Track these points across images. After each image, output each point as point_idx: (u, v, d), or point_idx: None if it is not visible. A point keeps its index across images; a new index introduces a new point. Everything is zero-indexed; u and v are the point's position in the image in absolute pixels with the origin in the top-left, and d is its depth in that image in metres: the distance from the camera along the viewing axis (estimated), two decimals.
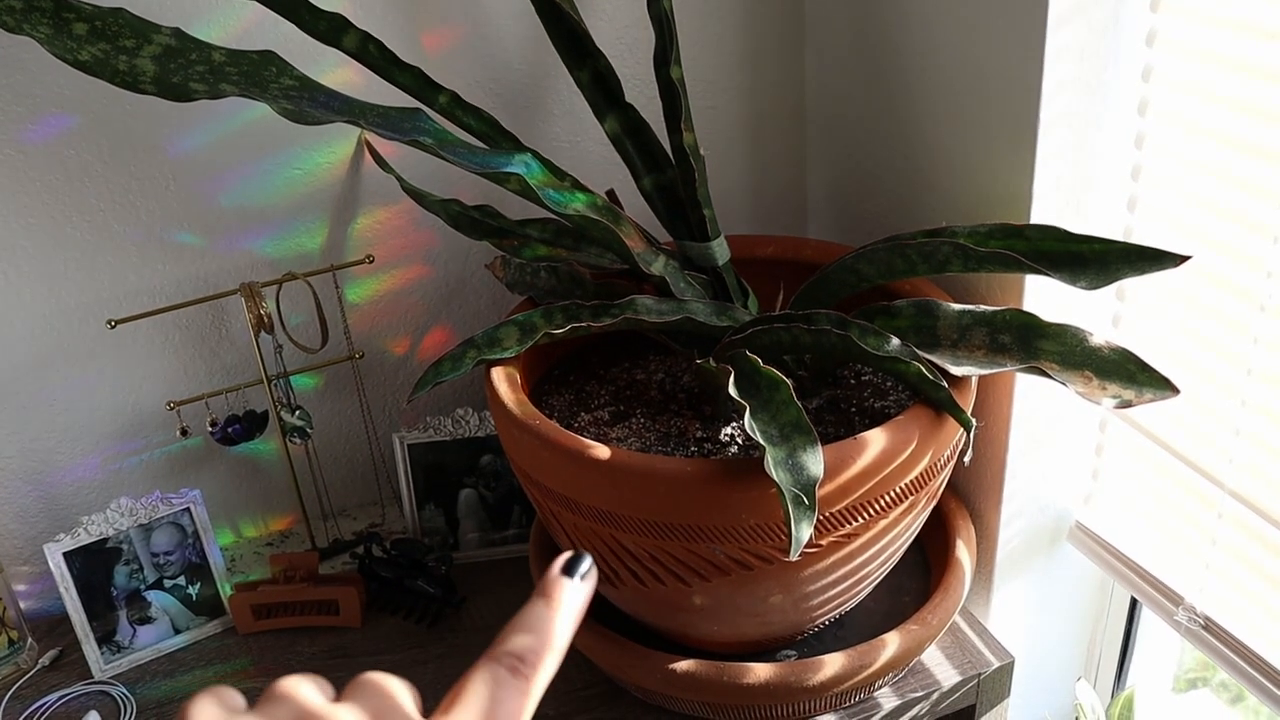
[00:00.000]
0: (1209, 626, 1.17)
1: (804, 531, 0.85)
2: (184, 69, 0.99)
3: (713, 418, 1.13)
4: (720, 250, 1.15)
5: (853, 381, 1.17)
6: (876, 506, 0.97)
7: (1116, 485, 1.26)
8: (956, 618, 1.24)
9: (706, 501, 0.94)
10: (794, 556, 0.84)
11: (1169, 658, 1.48)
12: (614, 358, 1.26)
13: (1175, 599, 1.20)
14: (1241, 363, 1.06)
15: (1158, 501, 1.20)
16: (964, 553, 1.19)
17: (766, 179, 1.48)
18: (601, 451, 0.96)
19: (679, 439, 1.10)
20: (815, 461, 0.89)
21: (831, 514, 0.95)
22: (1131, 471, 1.23)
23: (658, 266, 1.12)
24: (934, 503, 1.08)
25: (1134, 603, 1.41)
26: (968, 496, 1.29)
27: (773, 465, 0.88)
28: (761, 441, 0.89)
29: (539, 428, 1.00)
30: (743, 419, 0.90)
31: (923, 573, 1.25)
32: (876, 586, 1.15)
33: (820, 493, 0.91)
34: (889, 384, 1.15)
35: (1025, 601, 1.35)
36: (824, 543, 0.97)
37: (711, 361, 1.01)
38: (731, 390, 0.93)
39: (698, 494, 0.93)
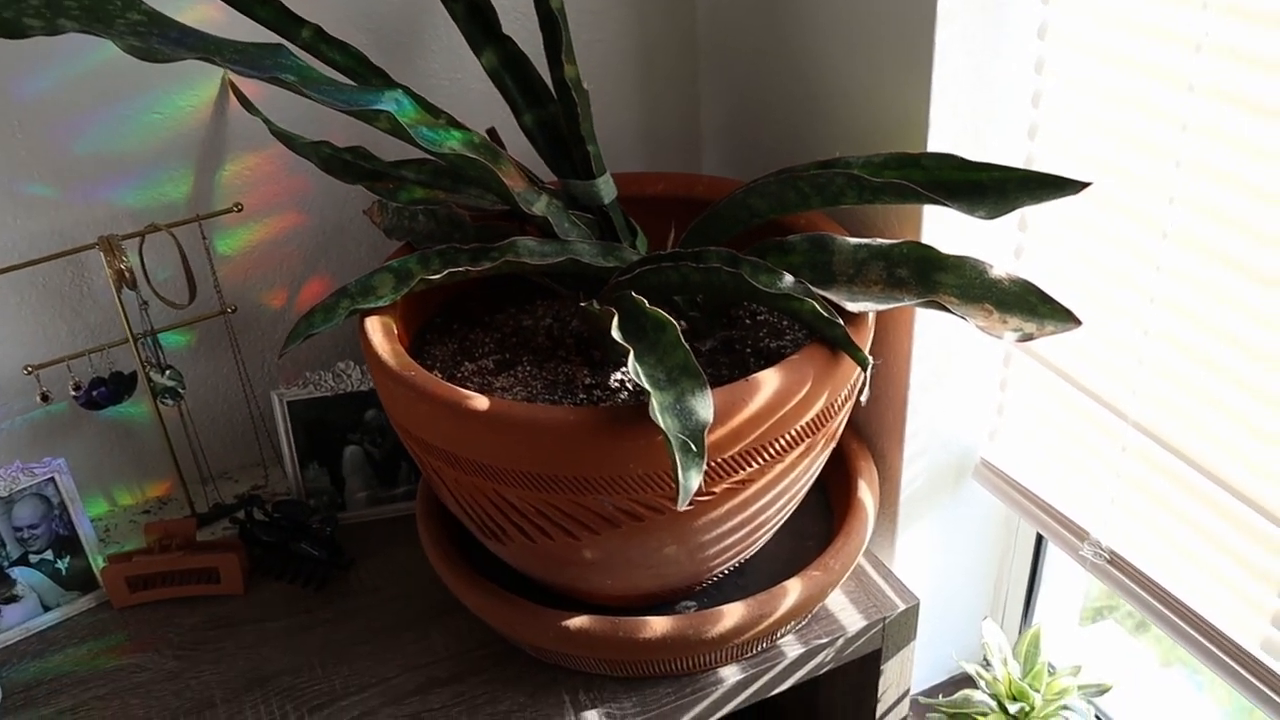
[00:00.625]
0: (1114, 561, 1.15)
1: (693, 480, 0.81)
2: (16, 2, 0.91)
3: (602, 363, 1.08)
4: (606, 188, 1.09)
5: (748, 321, 1.13)
6: (771, 451, 0.93)
7: (1021, 421, 1.23)
8: (861, 561, 1.21)
9: (591, 451, 0.89)
10: (683, 506, 0.80)
11: (1076, 592, 1.47)
12: (500, 304, 1.21)
13: (1081, 534, 1.18)
14: (1144, 291, 1.03)
15: (1062, 436, 1.18)
16: (866, 494, 1.16)
17: (658, 114, 1.42)
18: (480, 402, 0.91)
19: (567, 387, 1.05)
20: (704, 406, 0.84)
21: (723, 460, 0.91)
22: (1036, 406, 1.21)
23: (540, 206, 1.07)
24: (833, 444, 1.05)
25: (1040, 539, 1.39)
26: (869, 436, 1.26)
27: (659, 411, 0.83)
28: (647, 386, 0.85)
29: (414, 379, 0.95)
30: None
31: (825, 516, 1.22)
32: (778, 532, 1.12)
33: (710, 438, 0.88)
34: (785, 323, 1.11)
35: (930, 542, 1.33)
36: (717, 490, 0.93)
37: (595, 304, 0.96)
38: (615, 333, 0.88)
39: (582, 444, 0.89)
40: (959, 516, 1.33)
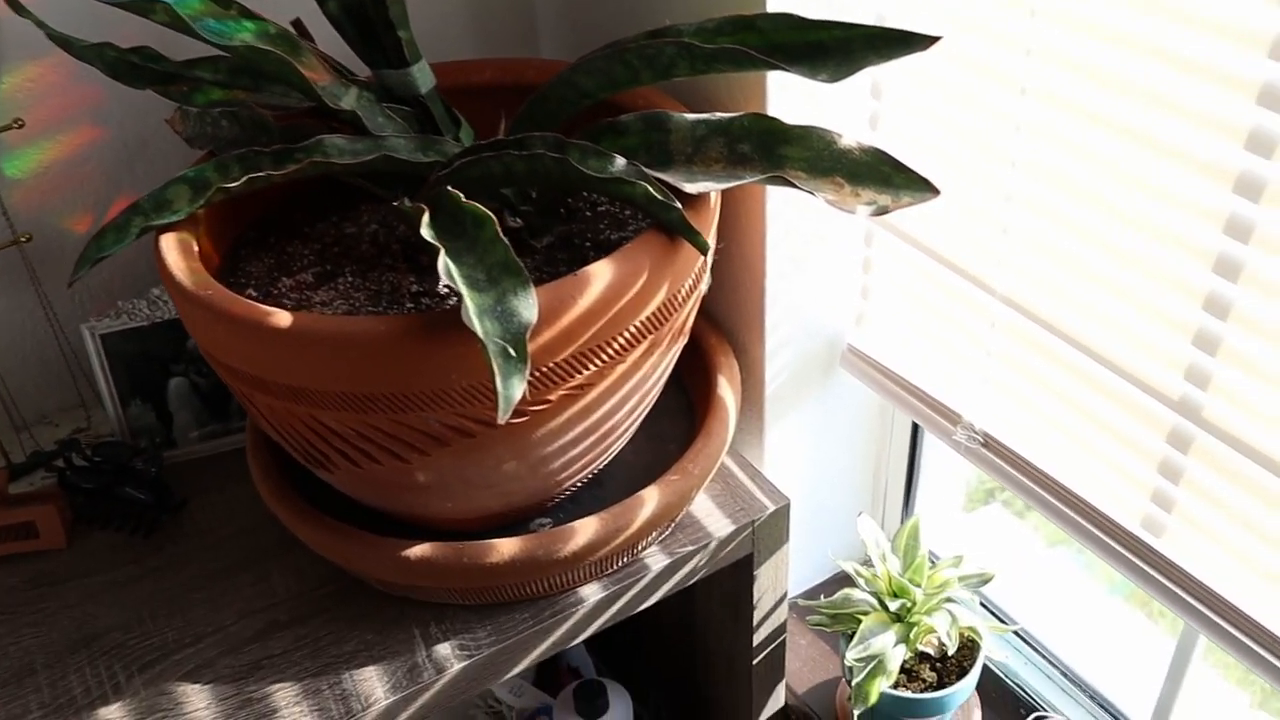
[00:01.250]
0: (989, 444, 1.10)
1: (515, 389, 0.73)
2: None
3: (430, 269, 0.99)
4: (421, 76, 0.99)
5: (588, 214, 1.04)
6: (610, 351, 0.86)
7: (888, 302, 1.17)
8: (725, 461, 1.15)
9: (407, 364, 0.81)
10: (503, 419, 0.72)
11: (958, 479, 1.43)
12: (322, 211, 1.10)
13: (953, 418, 1.12)
14: (1004, 155, 0.96)
15: (930, 315, 1.12)
16: (727, 391, 1.09)
17: None
18: (281, 319, 0.82)
19: (392, 296, 0.96)
20: (527, 306, 0.77)
21: (557, 364, 0.83)
22: (901, 286, 1.14)
23: (349, 100, 0.97)
24: (683, 339, 0.97)
25: (917, 426, 1.34)
26: (729, 329, 1.19)
27: (475, 314, 0.75)
28: (462, 287, 0.77)
29: (210, 299, 0.85)
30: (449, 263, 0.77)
31: (687, 417, 1.15)
32: (635, 437, 1.05)
33: (537, 342, 0.81)
34: (628, 213, 1.03)
35: (801, 437, 1.27)
36: (553, 398, 0.86)
37: (407, 201, 0.86)
38: (425, 232, 0.80)
39: (396, 356, 0.80)
40: (829, 408, 1.27)
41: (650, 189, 0.84)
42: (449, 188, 0.85)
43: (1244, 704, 1.30)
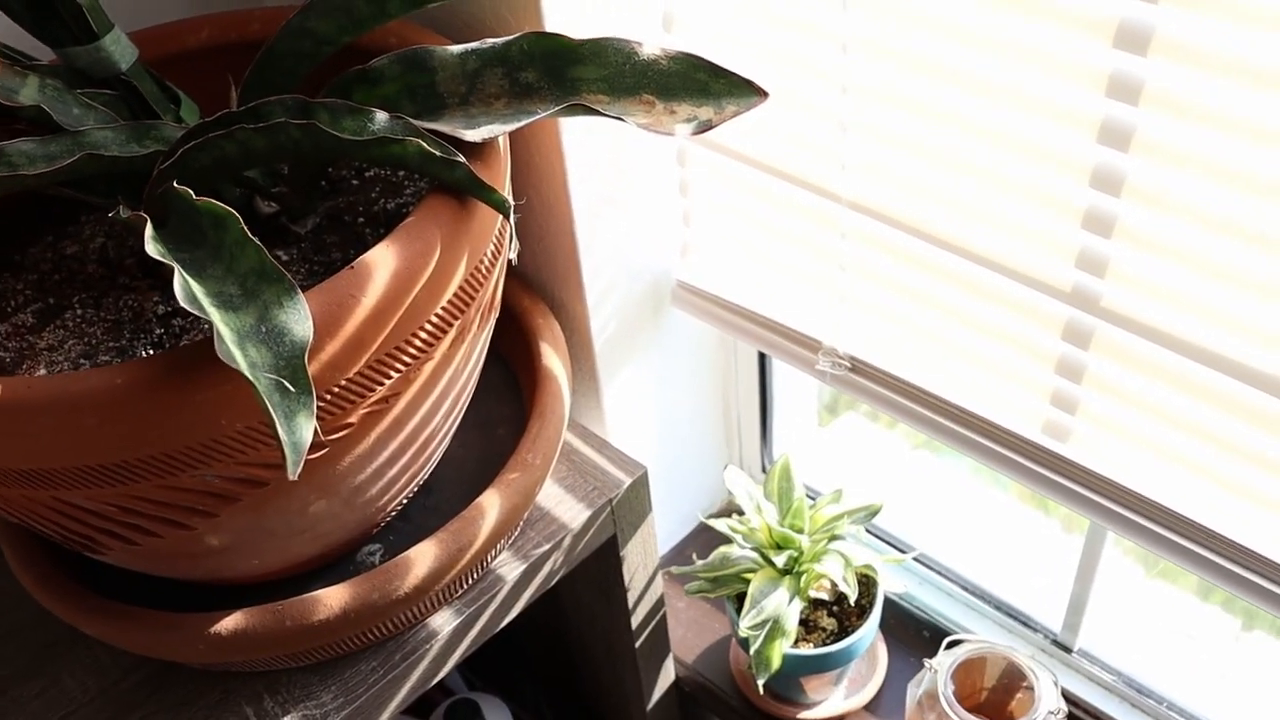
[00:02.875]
0: (857, 368, 0.99)
1: (301, 430, 0.58)
2: None
3: None
4: (118, 49, 0.80)
5: (354, 182, 0.88)
6: (412, 350, 0.71)
7: (715, 227, 1.05)
8: (567, 439, 1.02)
9: (162, 418, 0.64)
10: (295, 471, 0.56)
11: (809, 401, 1.33)
12: (32, 233, 0.91)
13: (812, 345, 1.01)
14: (833, 36, 0.83)
15: (768, 235, 1.00)
16: (553, 359, 0.95)
17: None
18: None
19: (135, 325, 0.79)
20: (298, 319, 0.62)
21: (350, 382, 0.68)
22: (729, 206, 1.02)
23: (28, 93, 0.78)
24: (495, 314, 0.83)
25: (763, 358, 1.23)
26: (542, 288, 1.05)
27: (233, 343, 0.60)
28: (211, 311, 0.61)
29: None
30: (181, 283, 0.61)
31: (512, 391, 1.01)
32: (461, 428, 0.91)
33: (321, 359, 0.66)
34: (401, 175, 0.87)
35: (641, 391, 1.14)
36: (354, 420, 0.71)
37: (124, 210, 0.69)
38: (151, 247, 0.63)
39: (145, 412, 0.64)
40: (668, 356, 1.15)
41: (424, 144, 0.69)
42: (175, 184, 0.68)
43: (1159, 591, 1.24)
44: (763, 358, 1.22)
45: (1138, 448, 0.85)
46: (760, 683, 1.03)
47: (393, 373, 0.70)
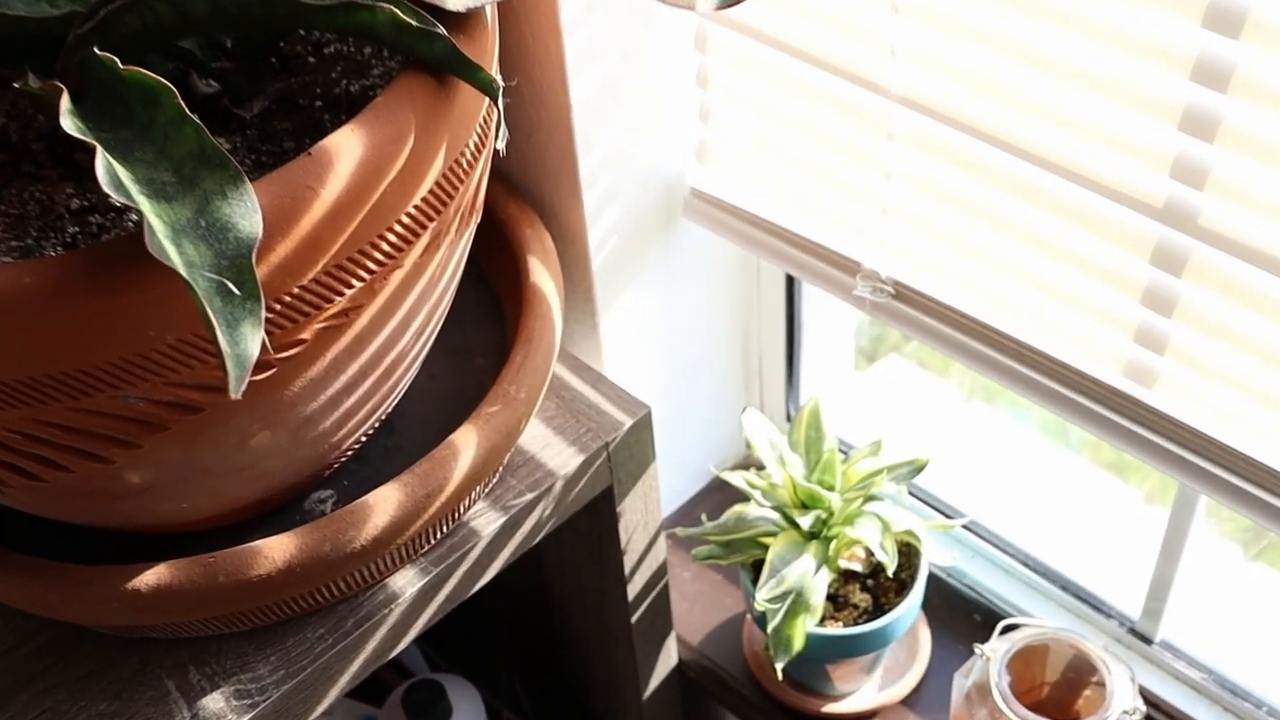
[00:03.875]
0: (901, 294, 1.02)
1: (247, 340, 0.61)
2: None
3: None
4: None
5: (312, 59, 0.89)
6: (378, 256, 0.74)
7: (738, 125, 1.08)
8: (557, 371, 1.05)
9: (78, 327, 0.67)
10: (238, 388, 0.59)
11: (845, 336, 1.36)
12: None
13: (850, 267, 1.04)
14: None
15: (802, 135, 1.03)
16: (543, 276, 0.99)
17: None
18: None
19: (44, 221, 0.81)
20: (244, 212, 0.64)
21: (304, 289, 0.71)
22: (755, 101, 1.04)
23: None
24: (476, 219, 0.86)
25: (792, 284, 1.26)
26: (532, 193, 1.08)
27: (167, 237, 0.63)
28: (140, 199, 0.64)
29: None
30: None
31: (492, 316, 1.05)
32: (430, 356, 0.94)
33: (270, 260, 0.68)
34: (369, 52, 0.88)
35: (647, 322, 1.18)
36: (308, 336, 0.73)
37: (34, 80, 0.71)
38: (68, 122, 0.65)
39: (58, 318, 0.66)
40: (678, 277, 1.19)
41: (398, 12, 0.71)
42: (96, 50, 0.69)
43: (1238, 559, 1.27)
44: (791, 282, 1.26)
45: (1238, 395, 0.87)
46: (779, 667, 1.06)
47: (355, 281, 0.72)
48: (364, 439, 0.91)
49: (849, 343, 1.37)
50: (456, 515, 0.93)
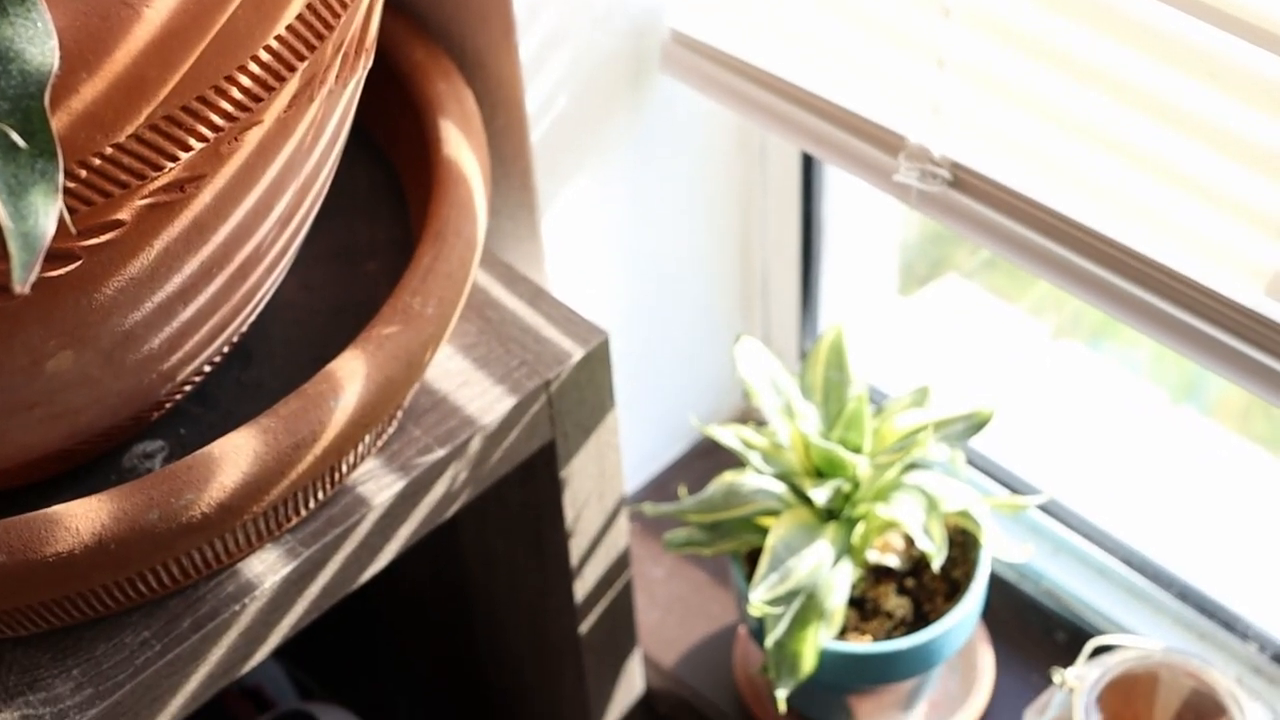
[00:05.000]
0: (960, 180, 1.04)
1: (40, 216, 0.65)
2: None
3: None
4: None
5: None
6: (224, 106, 0.76)
7: None
8: (483, 281, 1.08)
9: None
10: (25, 280, 0.63)
11: (884, 243, 1.37)
12: None
13: (893, 144, 1.06)
14: None
15: None
16: (462, 151, 1.02)
17: None
18: None
19: None
20: (34, 36, 0.67)
21: (120, 151, 0.73)
22: None
23: None
24: (366, 63, 0.89)
25: (810, 165, 1.27)
26: (448, 31, 1.11)
27: None
28: None
29: None
30: None
31: (395, 205, 1.09)
32: (301, 258, 0.98)
33: (73, 106, 0.70)
34: None
35: (608, 219, 1.22)
36: (126, 216, 0.75)
37: None
38: None
39: None
40: (651, 157, 1.22)
41: None
42: None
43: None
44: (808, 165, 1.28)
45: None
46: (781, 696, 1.09)
47: (193, 141, 0.75)
48: (208, 369, 0.95)
49: (889, 253, 1.40)
50: (337, 477, 0.96)
